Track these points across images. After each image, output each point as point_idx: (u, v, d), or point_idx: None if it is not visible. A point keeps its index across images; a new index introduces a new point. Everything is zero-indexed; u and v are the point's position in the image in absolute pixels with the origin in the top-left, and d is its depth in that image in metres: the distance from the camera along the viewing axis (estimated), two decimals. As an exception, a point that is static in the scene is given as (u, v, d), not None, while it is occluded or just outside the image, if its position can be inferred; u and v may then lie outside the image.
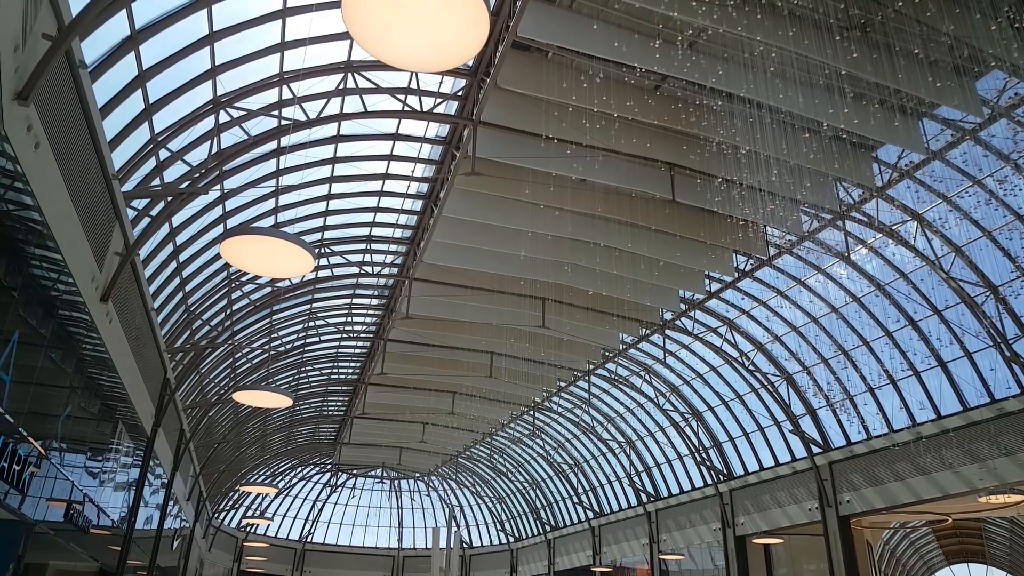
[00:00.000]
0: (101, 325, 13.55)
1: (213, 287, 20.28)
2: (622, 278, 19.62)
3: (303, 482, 49.08)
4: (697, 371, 27.17)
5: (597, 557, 37.28)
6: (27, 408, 11.25)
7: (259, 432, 36.65)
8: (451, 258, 19.94)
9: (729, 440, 28.37)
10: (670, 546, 31.58)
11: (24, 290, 10.60)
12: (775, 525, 26.08)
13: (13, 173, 9.38)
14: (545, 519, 43.11)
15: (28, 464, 11.13)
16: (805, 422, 24.52)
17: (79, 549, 15.83)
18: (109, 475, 17.26)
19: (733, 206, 15.95)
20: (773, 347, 24.06)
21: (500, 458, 41.96)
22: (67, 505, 13.80)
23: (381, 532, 52.41)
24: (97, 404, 15.26)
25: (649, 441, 32.43)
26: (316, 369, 31.26)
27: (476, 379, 27.71)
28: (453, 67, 5.25)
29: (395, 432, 37.14)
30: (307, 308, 24.71)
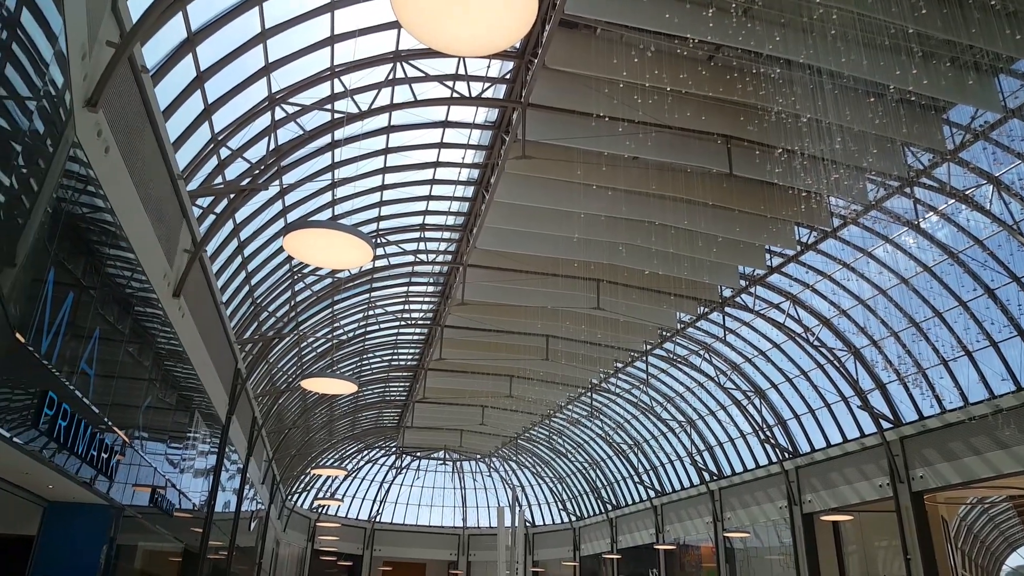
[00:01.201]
0: (174, 320, 14.11)
1: (277, 280, 20.86)
2: (679, 256, 19.34)
3: (369, 464, 50.34)
4: (759, 348, 26.65)
5: (660, 535, 37.18)
6: (111, 400, 11.82)
7: (326, 417, 37.70)
8: (504, 243, 19.99)
9: (794, 417, 27.81)
10: (734, 524, 31.26)
11: (102, 289, 11.10)
12: (844, 502, 25.54)
13: (86, 178, 9.81)
14: (606, 498, 43.17)
15: (114, 452, 11.74)
16: (874, 397, 23.84)
17: (164, 531, 16.64)
18: (188, 462, 18.04)
19: (794, 177, 15.49)
20: (839, 321, 23.41)
21: (559, 439, 42.12)
22: (151, 490, 14.51)
23: (446, 511, 53.48)
24: (174, 395, 15.93)
25: (711, 420, 32.06)
26: (377, 356, 31.90)
27: (533, 362, 27.81)
28: (501, 50, 5.24)
29: (455, 415, 37.66)
30: (366, 297, 25.20)
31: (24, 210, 8.40)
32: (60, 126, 8.65)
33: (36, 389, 9.04)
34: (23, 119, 7.83)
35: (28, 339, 8.70)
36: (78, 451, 10.10)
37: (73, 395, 10.05)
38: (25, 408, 8.92)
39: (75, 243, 10.02)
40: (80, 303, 10.44)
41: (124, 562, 14.64)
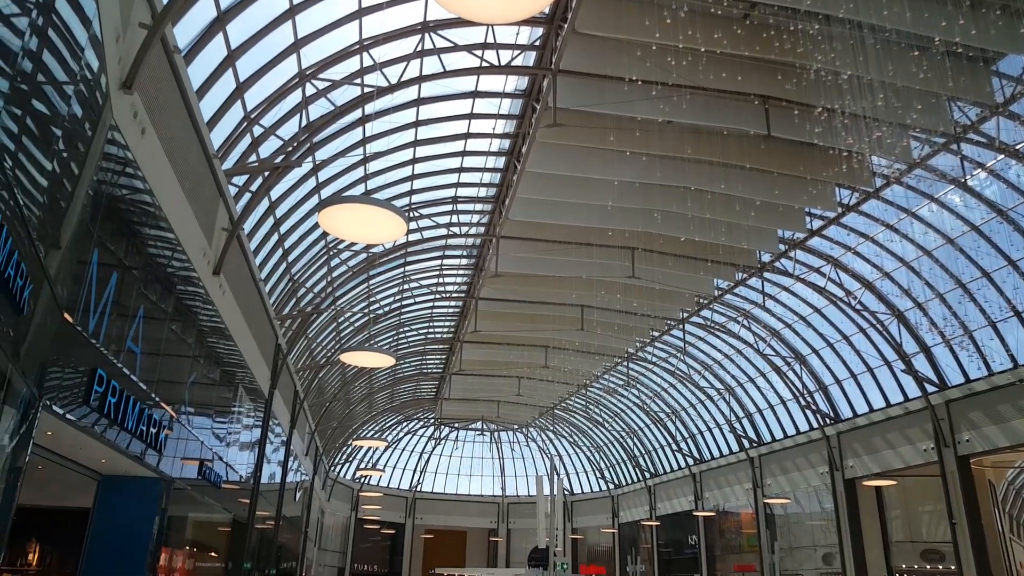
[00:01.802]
0: (215, 297, 14.36)
1: (313, 256, 21.08)
2: (716, 221, 19.01)
3: (409, 436, 51.14)
4: (799, 313, 26.22)
5: (699, 502, 37.21)
6: (157, 377, 12.12)
7: (366, 390, 38.29)
8: (537, 213, 19.87)
9: (835, 383, 27.42)
10: (775, 490, 31.12)
11: (144, 269, 11.32)
12: (887, 467, 25.21)
13: (124, 160, 9.95)
14: (644, 466, 43.26)
15: (162, 427, 12.07)
16: (918, 360, 23.34)
17: (213, 502, 17.15)
18: (234, 435, 18.50)
19: (835, 136, 15.03)
20: (882, 284, 22.87)
21: (596, 409, 42.20)
22: (199, 463, 14.92)
23: (485, 481, 54.18)
24: (218, 371, 16.28)
25: (750, 387, 31.77)
26: (413, 329, 32.19)
27: (568, 332, 27.78)
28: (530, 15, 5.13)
29: (492, 387, 37.93)
30: (401, 271, 25.36)
31: (66, 193, 8.57)
32: (97, 109, 8.76)
33: (85, 367, 9.29)
34: (61, 104, 7.94)
35: (76, 319, 8.93)
36: (128, 426, 10.39)
37: (121, 372, 10.32)
38: (76, 386, 9.19)
39: (116, 224, 10.21)
40: (124, 283, 10.66)
41: (175, 532, 15.13)
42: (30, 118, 7.48)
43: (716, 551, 37.05)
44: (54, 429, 9.20)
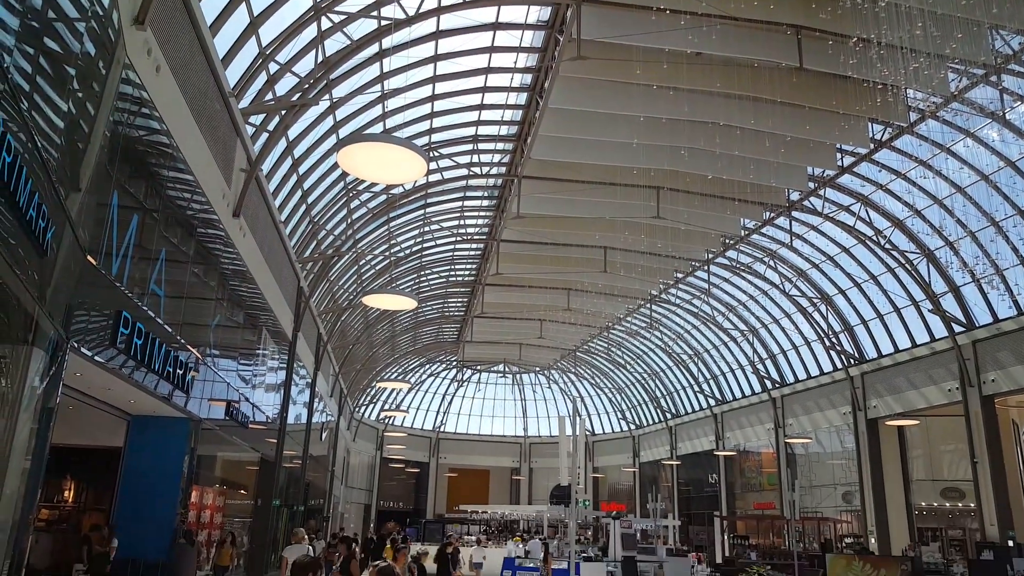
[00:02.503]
0: (236, 239, 14.31)
1: (333, 198, 20.92)
2: (744, 158, 18.48)
3: (432, 378, 51.79)
4: (827, 253, 25.76)
5: (720, 442, 37.50)
6: (181, 320, 12.19)
7: (388, 333, 38.61)
8: (560, 152, 19.45)
9: (861, 323, 27.11)
10: (796, 430, 31.21)
11: (164, 211, 11.25)
12: (910, 407, 25.12)
13: (140, 99, 9.75)
14: (666, 407, 43.55)
15: (188, 368, 12.20)
16: (946, 300, 22.94)
17: (241, 442, 17.50)
18: (259, 377, 18.75)
19: (870, 68, 14.39)
20: (913, 222, 22.32)
21: (618, 351, 42.29)
22: (226, 404, 15.15)
23: (507, 421, 55.03)
24: (241, 313, 16.38)
25: (774, 328, 31.56)
26: (435, 272, 32.16)
27: (591, 274, 27.57)
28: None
29: (514, 329, 38.04)
30: (421, 213, 25.15)
31: (83, 134, 8.43)
32: (110, 47, 8.52)
33: (110, 310, 9.32)
34: (74, 41, 7.72)
35: (99, 262, 8.90)
36: (155, 367, 10.48)
37: (146, 315, 10.35)
38: (102, 328, 9.23)
39: (135, 166, 10.09)
40: (145, 225, 10.61)
41: (205, 470, 15.50)
42: (43, 57, 7.29)
43: (736, 489, 37.53)
44: (82, 370, 9.29)
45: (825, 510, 29.79)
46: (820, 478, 31.15)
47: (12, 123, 6.35)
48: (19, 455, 7.59)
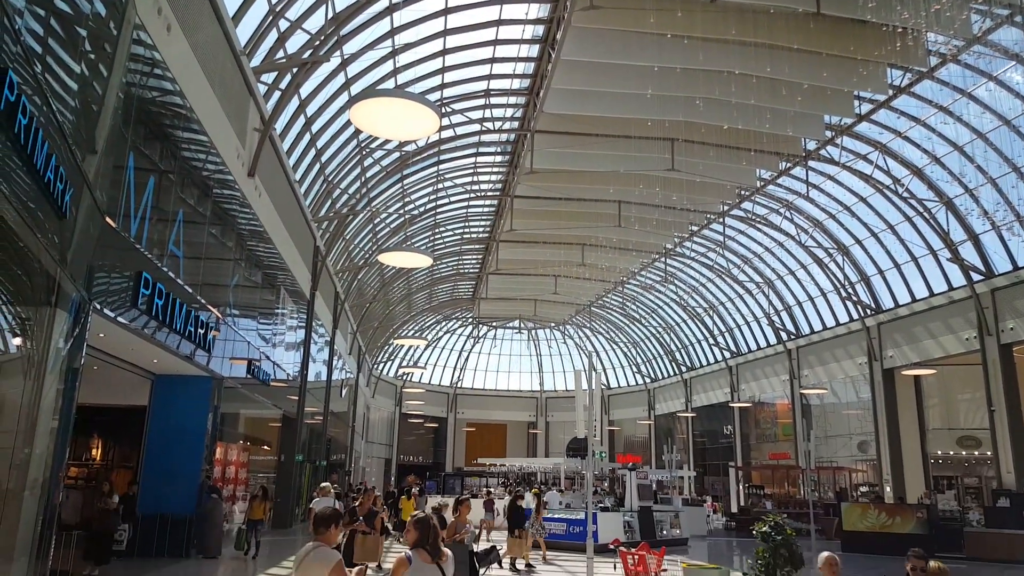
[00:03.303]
0: (252, 199, 14.37)
1: (346, 156, 20.87)
2: (760, 108, 18.13)
3: (448, 334, 52.21)
4: (844, 203, 25.44)
5: (735, 394, 37.71)
6: (201, 280, 12.34)
7: (404, 291, 38.85)
8: (573, 105, 19.19)
9: (878, 273, 26.91)
10: (811, 381, 31.29)
11: (180, 173, 11.30)
12: (927, 356, 25.07)
13: (152, 60, 9.71)
14: (680, 360, 43.73)
15: (209, 328, 12.39)
16: (965, 249, 22.67)
17: (263, 399, 17.85)
18: (279, 336, 19.01)
19: (889, 11, 14.00)
20: (932, 170, 21.94)
21: (633, 305, 42.32)
22: (247, 362, 15.42)
23: (523, 377, 55.53)
24: (259, 273, 16.54)
25: (789, 280, 31.40)
26: (449, 229, 32.15)
27: (605, 229, 27.45)
28: None
29: (529, 285, 38.10)
30: (435, 171, 25.04)
31: (97, 96, 8.44)
32: (120, 7, 8.47)
33: (131, 271, 9.45)
34: (84, 2, 7.69)
35: (118, 223, 8.99)
36: (176, 327, 10.66)
37: (166, 276, 10.49)
38: (124, 290, 9.37)
39: (150, 128, 10.11)
40: (161, 187, 10.67)
41: (229, 427, 15.85)
42: (54, 19, 7.27)
43: (751, 440, 37.86)
44: (106, 331, 9.47)
45: (840, 460, 30.02)
46: (835, 428, 31.32)
47: (27, 86, 6.37)
48: (47, 415, 7.80)
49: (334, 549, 4.44)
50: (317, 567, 4.22)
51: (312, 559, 4.27)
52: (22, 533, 7.47)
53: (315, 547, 4.35)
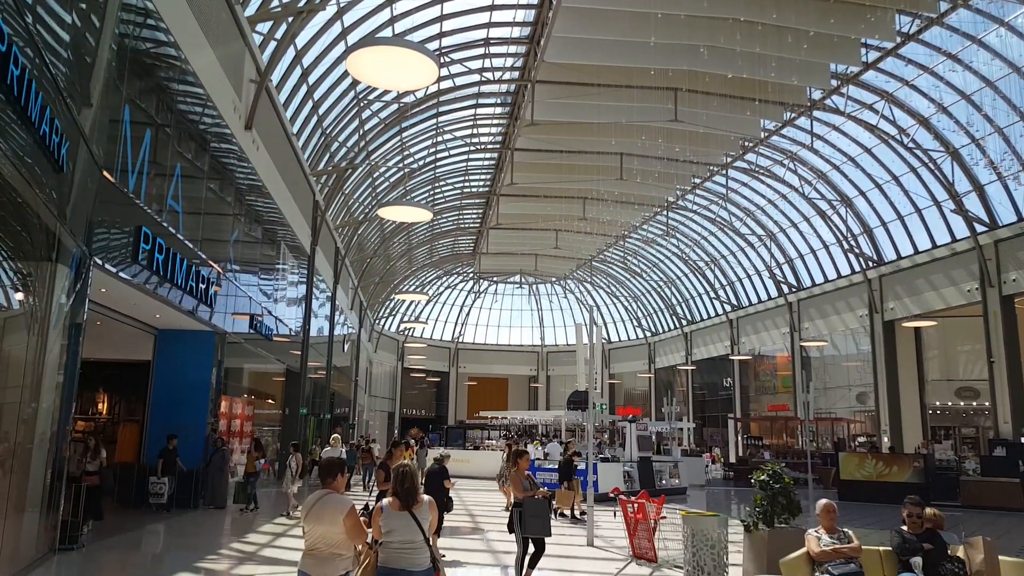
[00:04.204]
0: (250, 153, 14.21)
1: (344, 108, 20.57)
2: (765, 56, 17.80)
3: (449, 290, 52.30)
4: (848, 154, 25.16)
5: (735, 347, 37.93)
6: (201, 235, 12.28)
7: (404, 246, 38.76)
8: (574, 54, 18.82)
9: (881, 225, 26.78)
10: (812, 334, 31.44)
11: (176, 126, 11.14)
12: (928, 308, 25.11)
13: (145, 10, 9.49)
14: (681, 314, 43.88)
15: (211, 283, 12.38)
16: (969, 200, 22.51)
17: (266, 354, 17.96)
18: (281, 291, 19.03)
19: (900, -45, 13.65)
20: (938, 119, 21.63)
21: (634, 259, 42.26)
22: (250, 317, 15.45)
23: (524, 331, 55.83)
24: (259, 229, 16.46)
25: (792, 232, 31.28)
26: (449, 184, 31.90)
27: (606, 183, 27.22)
28: None
29: (529, 240, 37.99)
30: (434, 123, 24.71)
31: (90, 48, 8.26)
32: (108, -47, 8.25)
33: (130, 226, 9.39)
34: (71, -52, 7.46)
35: (116, 178, 8.90)
36: (177, 282, 10.64)
37: (166, 231, 10.43)
38: (124, 245, 9.33)
39: (144, 80, 9.93)
40: (158, 141, 10.53)
41: (233, 381, 15.98)
42: (41, -34, 7.06)
43: (750, 393, 38.22)
44: (107, 286, 9.46)
45: (839, 411, 30.35)
46: (835, 380, 31.58)
47: (18, 37, 6.23)
48: (52, 370, 7.85)
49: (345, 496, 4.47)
50: (331, 512, 4.24)
51: (323, 505, 4.28)
52: (32, 485, 7.59)
53: (325, 494, 4.36)
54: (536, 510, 7.11)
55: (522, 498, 7.15)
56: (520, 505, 7.14)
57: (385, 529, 4.30)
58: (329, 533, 4.22)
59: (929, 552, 5.65)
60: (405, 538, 4.28)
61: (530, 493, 7.23)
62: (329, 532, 4.22)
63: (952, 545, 5.87)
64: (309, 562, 4.24)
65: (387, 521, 4.32)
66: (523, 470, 7.46)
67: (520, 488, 7.25)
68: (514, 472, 7.45)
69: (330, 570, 4.22)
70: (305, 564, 4.25)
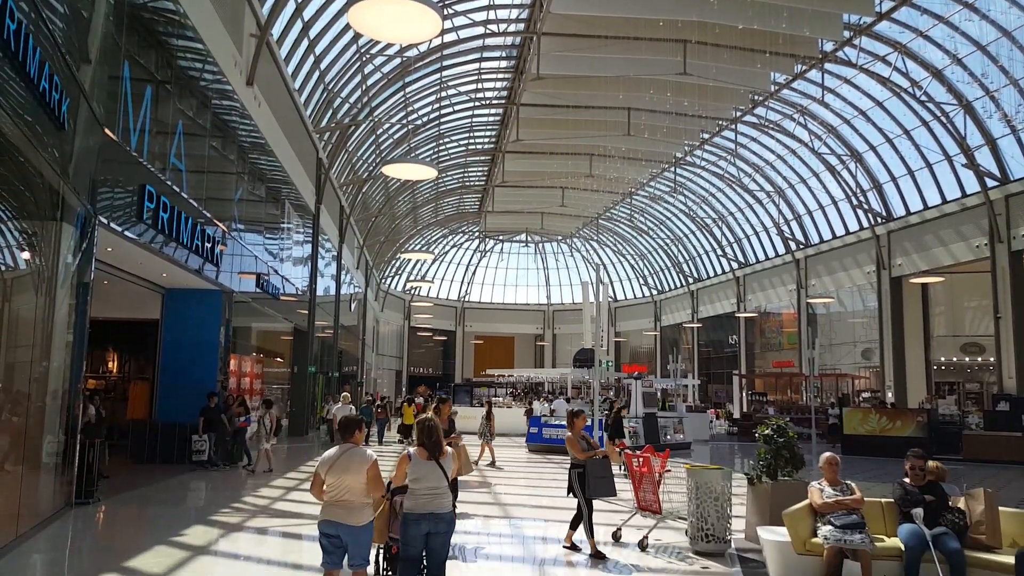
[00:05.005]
0: (252, 109, 14.07)
1: (346, 63, 20.27)
2: (776, 6, 17.39)
3: (455, 248, 52.25)
4: (859, 108, 24.74)
5: (741, 304, 37.92)
6: (205, 194, 12.24)
7: (410, 205, 38.60)
8: (581, 5, 18.42)
9: (891, 180, 26.48)
10: (819, 291, 31.35)
11: (177, 83, 11.01)
12: (936, 264, 24.98)
13: (139, -40, 9.29)
14: (688, 272, 43.78)
15: (216, 242, 12.38)
16: (981, 155, 22.19)
17: (274, 313, 18.05)
18: (287, 251, 19.03)
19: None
20: (952, 71, 21.18)
21: (641, 217, 42.01)
22: (256, 276, 15.50)
23: (531, 290, 55.93)
24: (263, 187, 16.38)
25: (800, 188, 30.98)
26: (454, 141, 31.59)
27: (613, 138, 26.89)
28: None
29: (535, 198, 37.76)
30: (437, 78, 24.35)
31: (87, 1, 8.12)
32: (101, -98, 8.05)
33: (134, 185, 9.36)
34: None
35: (118, 136, 8.84)
36: (183, 241, 10.64)
37: (170, 189, 10.39)
38: (128, 204, 9.31)
39: (144, 36, 9.78)
40: (159, 98, 10.42)
41: (242, 340, 16.10)
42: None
43: (755, 349, 38.34)
44: (114, 246, 9.47)
45: (844, 367, 30.44)
46: (840, 336, 31.61)
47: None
48: (61, 329, 7.91)
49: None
50: (357, 464, 4.55)
51: (350, 458, 4.58)
52: (47, 442, 7.71)
53: (348, 448, 4.64)
54: (601, 471, 7.02)
55: (582, 459, 7.06)
56: (580, 467, 7.10)
57: (412, 476, 4.62)
58: (356, 483, 4.53)
59: (930, 503, 5.71)
60: (432, 484, 4.60)
61: (591, 454, 7.11)
62: (356, 482, 4.53)
63: (953, 497, 5.92)
64: (338, 511, 4.51)
65: (415, 469, 4.63)
66: (579, 430, 7.32)
67: (578, 449, 7.11)
68: (570, 435, 7.26)
69: (359, 517, 4.54)
70: (332, 513, 4.53)
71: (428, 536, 4.54)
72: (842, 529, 5.62)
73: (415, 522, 4.53)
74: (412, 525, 4.54)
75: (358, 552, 4.56)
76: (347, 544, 4.53)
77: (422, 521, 4.53)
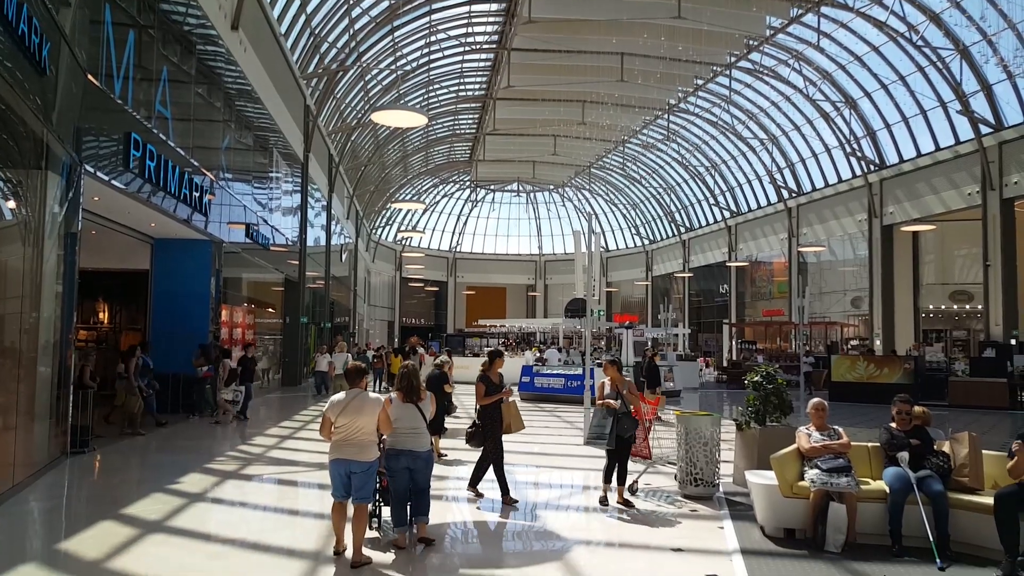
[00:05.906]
0: (238, 55, 13.74)
1: (333, 6, 19.75)
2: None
3: (446, 198, 51.86)
4: (855, 53, 24.39)
5: (732, 254, 38.00)
6: (192, 143, 12.03)
7: (400, 153, 38.14)
8: (574, -54, 17.92)
9: (885, 127, 26.30)
10: (810, 239, 31.42)
11: (160, 28, 10.71)
12: (927, 212, 25.02)
13: None
14: (680, 221, 43.71)
15: (204, 191, 12.23)
16: (976, 101, 22.01)
17: (264, 263, 17.97)
18: (276, 200, 18.83)
19: None
20: (950, 15, 20.84)
21: (633, 165, 41.70)
22: (246, 227, 15.37)
23: (522, 240, 55.77)
24: (250, 135, 16.11)
25: (794, 135, 30.75)
26: (443, 87, 31.04)
27: (606, 85, 26.46)
28: None
29: (527, 146, 37.35)
30: (427, 21, 23.79)
31: (61, -60, 7.82)
32: None
33: (120, 133, 9.18)
34: None
35: (101, 82, 8.63)
36: (171, 190, 10.51)
37: (156, 137, 10.21)
38: (114, 153, 9.15)
39: (122, -24, 9.46)
40: (142, 43, 10.15)
41: (233, 291, 16.04)
42: None
43: (746, 299, 38.59)
44: (100, 194, 9.34)
45: (833, 316, 30.71)
46: (830, 285, 31.82)
47: (-18, -74, 5.88)
48: (50, 279, 7.84)
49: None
50: (370, 406, 5.06)
51: (362, 401, 5.05)
52: (39, 393, 7.73)
53: (358, 393, 5.12)
54: (600, 419, 6.88)
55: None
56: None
57: (393, 417, 5.28)
58: (368, 424, 5.03)
59: (916, 447, 5.82)
60: (410, 424, 5.32)
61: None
62: (369, 423, 5.03)
63: (938, 441, 6.04)
64: (351, 449, 4.99)
65: (395, 410, 5.30)
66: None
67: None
68: (600, 389, 7.01)
69: (371, 453, 5.06)
70: (345, 452, 5.00)
71: (410, 472, 5.28)
72: (829, 472, 5.74)
73: (395, 456, 5.29)
74: (392, 459, 5.30)
75: (363, 487, 5.02)
76: (354, 481, 4.97)
77: (401, 456, 5.27)
